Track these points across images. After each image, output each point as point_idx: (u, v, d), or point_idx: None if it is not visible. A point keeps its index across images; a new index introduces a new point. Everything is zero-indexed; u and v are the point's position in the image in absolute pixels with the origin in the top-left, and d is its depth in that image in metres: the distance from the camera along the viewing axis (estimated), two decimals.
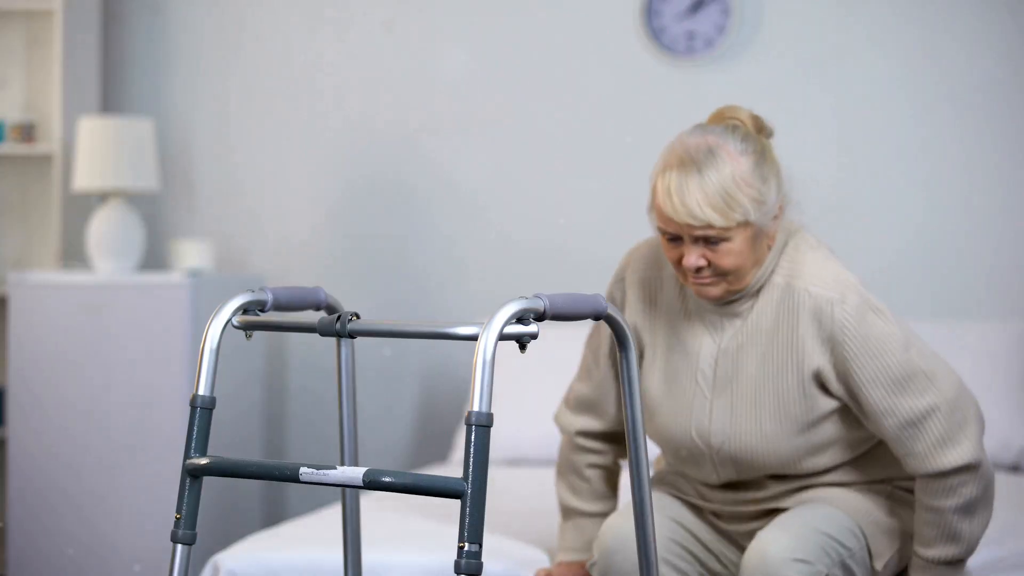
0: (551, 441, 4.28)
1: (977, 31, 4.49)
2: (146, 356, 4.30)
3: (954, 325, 4.32)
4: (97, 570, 4.29)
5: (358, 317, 2.19)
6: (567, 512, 2.80)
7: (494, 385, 1.98)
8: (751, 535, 2.64)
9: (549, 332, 3.18)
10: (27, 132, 4.71)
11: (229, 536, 4.25)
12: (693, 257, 2.43)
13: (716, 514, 2.69)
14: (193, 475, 2.13)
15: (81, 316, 4.33)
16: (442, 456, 4.67)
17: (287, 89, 4.83)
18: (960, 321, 4.36)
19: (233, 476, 2.13)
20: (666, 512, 2.68)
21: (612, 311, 2.17)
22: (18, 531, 4.33)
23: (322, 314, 2.38)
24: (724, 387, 2.54)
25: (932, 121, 4.52)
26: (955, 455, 2.50)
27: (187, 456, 2.14)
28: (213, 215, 4.87)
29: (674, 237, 2.45)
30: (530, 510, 3.45)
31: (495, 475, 3.78)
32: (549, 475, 4.05)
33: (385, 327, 2.21)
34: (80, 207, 4.71)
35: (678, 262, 2.46)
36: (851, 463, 2.63)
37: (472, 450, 1.92)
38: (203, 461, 2.13)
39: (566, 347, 3.91)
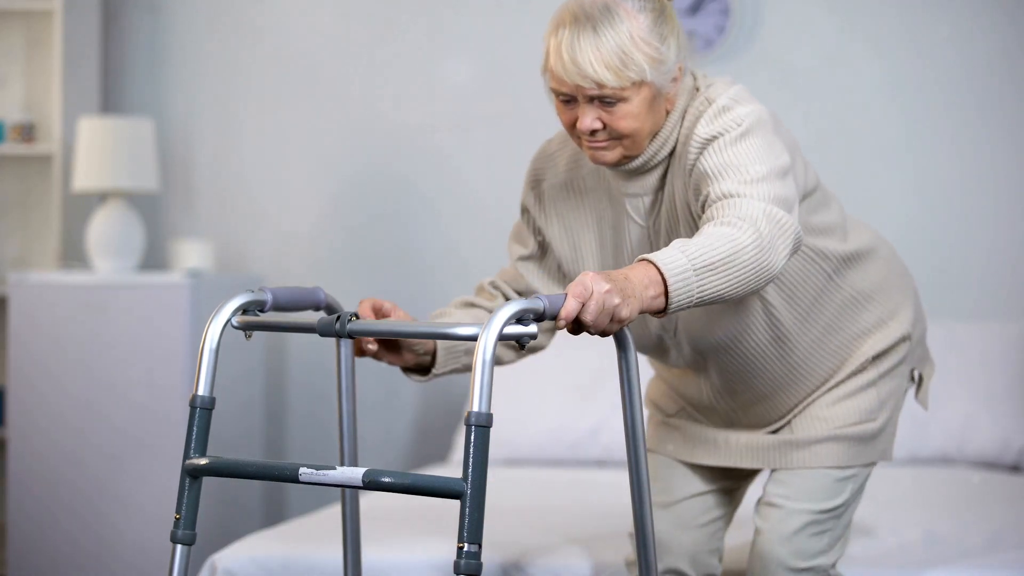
0: (551, 441, 4.29)
1: (973, 33, 4.50)
2: (146, 356, 4.30)
3: (954, 325, 4.32)
4: (97, 570, 4.29)
5: (357, 317, 2.19)
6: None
7: (494, 385, 1.98)
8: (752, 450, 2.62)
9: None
10: (27, 132, 4.71)
11: (229, 536, 4.25)
12: (588, 119, 2.30)
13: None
14: (192, 475, 2.14)
15: (81, 316, 4.34)
16: (442, 456, 4.67)
17: (287, 89, 4.83)
18: (960, 321, 4.37)
19: (232, 476, 2.13)
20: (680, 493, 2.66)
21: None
22: (18, 531, 4.33)
23: (321, 314, 2.38)
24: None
25: (932, 121, 4.53)
26: (747, 207, 2.22)
27: (186, 456, 2.14)
28: (213, 215, 4.87)
29: (569, 99, 2.31)
30: (530, 510, 3.45)
31: (494, 475, 3.78)
32: (549, 475, 4.06)
33: (384, 327, 2.22)
34: (80, 207, 4.71)
35: (572, 125, 2.33)
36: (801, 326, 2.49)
37: (471, 450, 1.92)
38: (202, 461, 2.13)
39: (566, 347, 3.92)
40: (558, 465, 4.24)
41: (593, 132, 2.31)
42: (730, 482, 2.69)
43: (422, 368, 2.51)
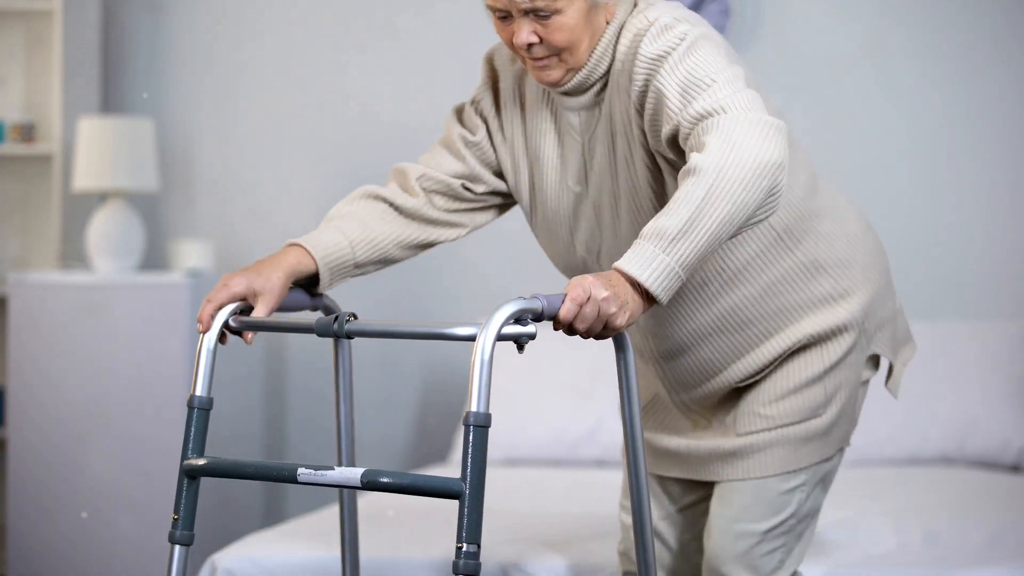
0: (550, 441, 4.29)
1: (972, 33, 4.50)
2: (146, 356, 4.30)
3: (954, 325, 4.32)
4: (97, 570, 4.29)
5: (356, 318, 2.19)
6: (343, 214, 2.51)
7: (493, 385, 1.98)
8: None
9: (547, 332, 3.18)
10: (27, 132, 4.71)
11: (229, 536, 4.24)
12: (524, 33, 2.24)
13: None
14: (191, 476, 2.14)
15: (81, 316, 4.34)
16: (441, 456, 4.67)
17: (287, 89, 4.83)
18: (960, 321, 4.37)
19: (231, 477, 2.13)
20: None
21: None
22: (18, 531, 4.33)
23: (320, 314, 2.38)
24: (597, 195, 2.38)
25: (931, 120, 4.53)
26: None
27: (184, 457, 2.14)
28: (213, 215, 4.87)
29: (505, 15, 2.25)
30: (529, 510, 3.45)
31: (493, 475, 3.78)
32: (548, 475, 4.06)
33: (383, 328, 2.22)
34: (80, 207, 4.71)
35: (512, 42, 2.27)
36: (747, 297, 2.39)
37: (470, 450, 1.92)
38: (200, 462, 2.13)
39: (565, 347, 3.92)
40: (557, 465, 4.24)
41: (530, 47, 2.25)
42: (702, 492, 2.56)
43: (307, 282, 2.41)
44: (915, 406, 4.16)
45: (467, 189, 2.49)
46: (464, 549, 1.90)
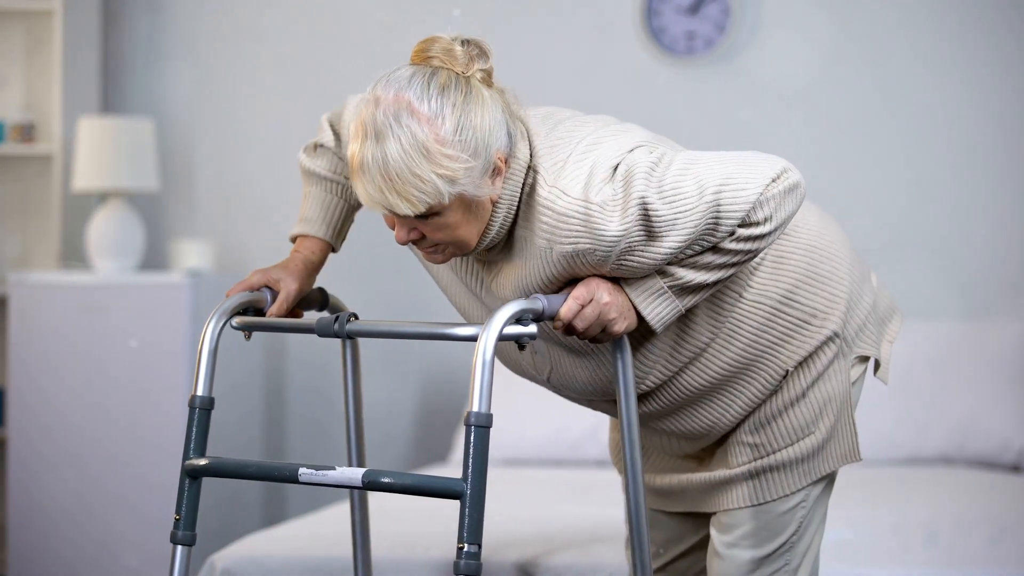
0: (551, 442, 4.29)
1: (970, 37, 4.50)
2: (146, 356, 4.30)
3: (953, 325, 4.32)
4: (97, 570, 4.28)
5: (357, 318, 2.19)
6: (308, 178, 2.49)
7: (494, 385, 1.98)
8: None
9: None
10: (27, 132, 4.71)
11: (229, 536, 4.24)
12: (403, 232, 2.12)
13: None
14: (192, 476, 2.13)
15: (81, 316, 4.33)
16: (442, 456, 4.67)
17: (287, 89, 4.83)
18: (959, 321, 4.37)
19: (232, 477, 2.13)
20: None
21: None
22: (18, 531, 4.33)
23: (321, 313, 2.38)
24: (488, 293, 2.27)
25: (933, 120, 4.53)
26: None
27: (186, 457, 2.14)
28: (213, 215, 4.87)
29: None
30: (530, 511, 3.45)
31: (494, 476, 3.78)
32: (549, 475, 4.05)
33: (384, 328, 2.22)
34: (80, 207, 4.71)
35: (393, 228, 2.16)
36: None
37: (471, 450, 1.92)
38: (202, 462, 2.13)
39: None
40: (558, 465, 4.24)
41: (415, 241, 2.14)
42: (696, 522, 2.51)
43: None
44: (915, 406, 4.16)
45: None
46: (465, 549, 1.90)
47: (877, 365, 2.42)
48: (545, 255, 2.12)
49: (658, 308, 2.10)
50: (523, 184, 2.13)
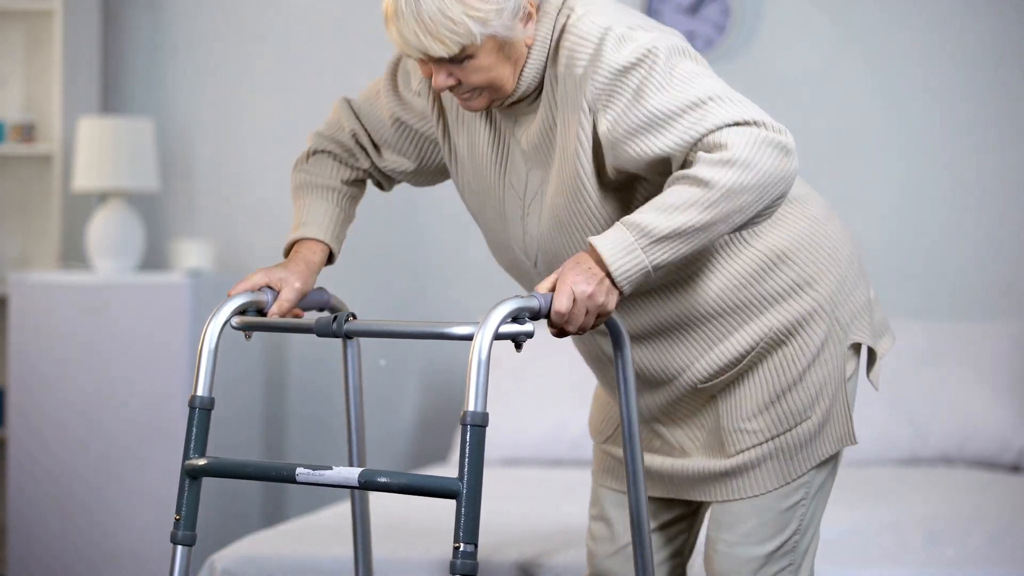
0: (549, 441, 4.29)
1: (968, 39, 4.50)
2: (146, 356, 4.30)
3: (953, 325, 4.32)
4: (97, 570, 4.29)
5: (355, 317, 2.20)
6: (301, 191, 2.51)
7: (491, 384, 1.98)
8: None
9: (546, 331, 3.18)
10: (27, 132, 4.71)
11: (229, 536, 4.25)
12: (441, 77, 2.18)
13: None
14: (192, 476, 2.13)
15: (81, 316, 4.34)
16: (441, 456, 4.67)
17: (287, 89, 4.83)
18: (959, 321, 4.37)
19: (231, 477, 2.13)
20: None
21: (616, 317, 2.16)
22: (18, 531, 4.33)
23: (320, 313, 2.38)
24: (534, 203, 2.31)
25: (933, 120, 4.53)
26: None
27: (186, 457, 2.14)
28: (213, 215, 4.87)
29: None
30: (530, 511, 3.45)
31: (492, 475, 3.78)
32: (549, 475, 4.05)
33: (381, 327, 2.22)
34: (80, 207, 4.71)
35: (431, 77, 2.21)
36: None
37: (467, 450, 1.93)
38: (202, 462, 2.13)
39: (564, 346, 3.91)
40: (556, 465, 4.24)
41: (451, 87, 2.20)
42: (682, 509, 2.49)
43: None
44: (915, 406, 4.16)
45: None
46: (461, 549, 1.90)
47: (872, 360, 2.42)
48: (564, 94, 2.18)
49: (627, 266, 2.07)
50: (555, 25, 2.20)
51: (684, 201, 2.06)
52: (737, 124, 2.11)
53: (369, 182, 2.55)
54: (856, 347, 2.38)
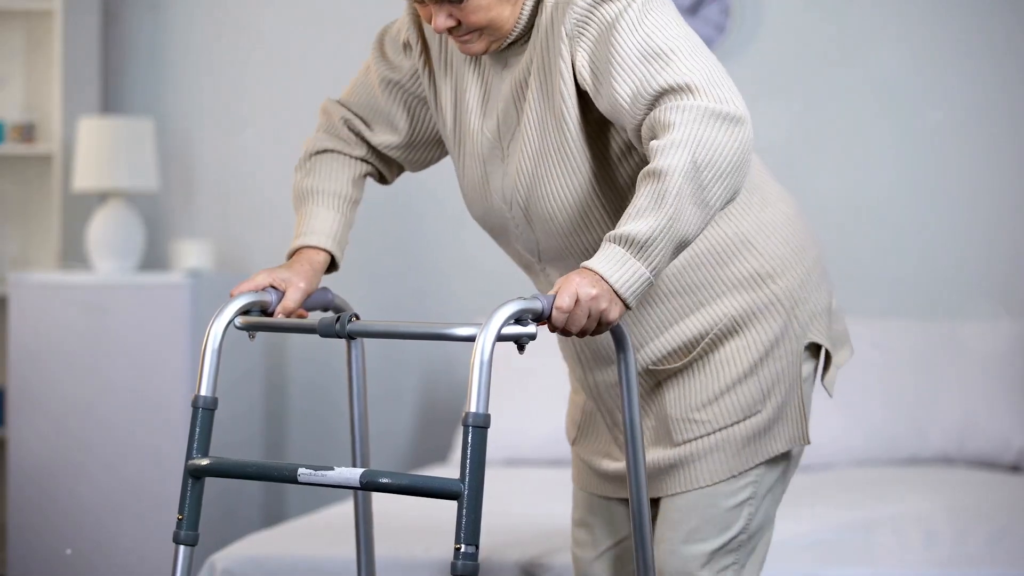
0: (551, 442, 4.29)
1: (968, 36, 4.50)
2: (146, 356, 4.30)
3: (953, 325, 4.32)
4: (97, 570, 4.29)
5: (358, 318, 2.20)
6: (304, 198, 2.49)
7: (493, 385, 1.98)
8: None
9: (548, 332, 3.18)
10: (27, 132, 4.71)
11: (229, 536, 4.25)
12: (440, 18, 2.20)
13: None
14: (195, 476, 2.13)
15: (81, 316, 4.34)
16: (441, 456, 4.67)
17: (287, 89, 4.83)
18: (959, 321, 4.37)
19: (233, 477, 2.13)
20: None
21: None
22: (18, 531, 4.33)
23: (323, 314, 2.38)
24: (514, 142, 2.30)
25: (932, 120, 4.53)
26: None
27: (189, 457, 2.13)
28: (213, 215, 4.87)
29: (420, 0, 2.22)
30: (530, 511, 3.45)
31: (494, 476, 3.78)
32: (551, 476, 4.06)
33: (383, 328, 2.22)
34: (80, 207, 4.72)
35: (430, 22, 2.23)
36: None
37: (469, 451, 1.92)
38: (204, 462, 2.13)
39: None
40: (558, 465, 4.24)
41: (450, 29, 2.22)
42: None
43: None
44: (915, 406, 4.16)
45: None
46: (462, 550, 1.90)
47: (828, 362, 2.40)
48: (550, 29, 2.19)
49: (627, 276, 2.06)
50: None
51: (650, 198, 2.05)
52: (685, 90, 2.10)
53: (369, 180, 2.54)
54: (815, 350, 2.37)
